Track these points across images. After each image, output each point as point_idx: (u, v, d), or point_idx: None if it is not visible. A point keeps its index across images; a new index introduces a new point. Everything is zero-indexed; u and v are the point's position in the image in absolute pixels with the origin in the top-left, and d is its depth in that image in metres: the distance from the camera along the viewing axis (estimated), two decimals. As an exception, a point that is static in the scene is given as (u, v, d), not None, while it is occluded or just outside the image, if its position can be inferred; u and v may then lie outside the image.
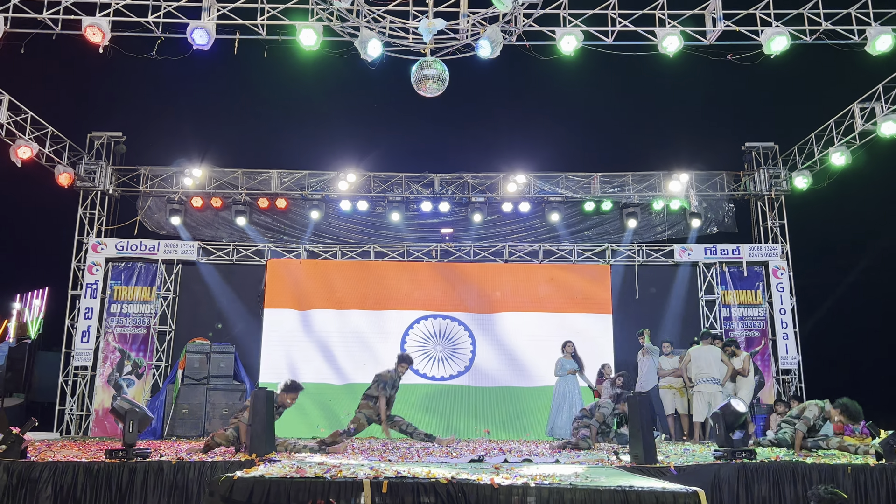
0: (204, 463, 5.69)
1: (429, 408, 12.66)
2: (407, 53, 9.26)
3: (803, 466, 5.98)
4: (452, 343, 13.12)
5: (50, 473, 5.50)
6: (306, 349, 12.91)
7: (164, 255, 13.15)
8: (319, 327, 13.07)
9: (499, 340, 13.09)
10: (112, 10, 9.28)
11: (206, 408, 11.29)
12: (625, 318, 13.15)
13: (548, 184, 13.71)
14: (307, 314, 13.08)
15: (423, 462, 6.50)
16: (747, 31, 9.56)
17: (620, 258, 13.62)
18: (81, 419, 12.66)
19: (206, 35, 9.13)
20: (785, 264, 13.39)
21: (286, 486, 4.64)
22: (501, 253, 13.74)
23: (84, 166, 13.14)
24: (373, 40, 8.98)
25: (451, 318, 13.23)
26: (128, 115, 14.29)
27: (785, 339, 13.03)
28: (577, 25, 9.59)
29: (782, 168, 13.61)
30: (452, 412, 12.61)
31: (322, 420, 12.26)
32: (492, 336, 13.11)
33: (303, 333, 12.96)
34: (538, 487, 4.53)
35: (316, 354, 12.89)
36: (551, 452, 8.31)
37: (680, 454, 7.58)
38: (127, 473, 5.54)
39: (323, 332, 13.04)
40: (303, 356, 12.78)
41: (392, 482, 4.62)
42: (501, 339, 13.09)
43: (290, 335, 12.95)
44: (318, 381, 12.49)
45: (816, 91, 13.44)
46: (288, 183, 13.68)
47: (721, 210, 13.98)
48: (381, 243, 13.74)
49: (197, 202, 13.44)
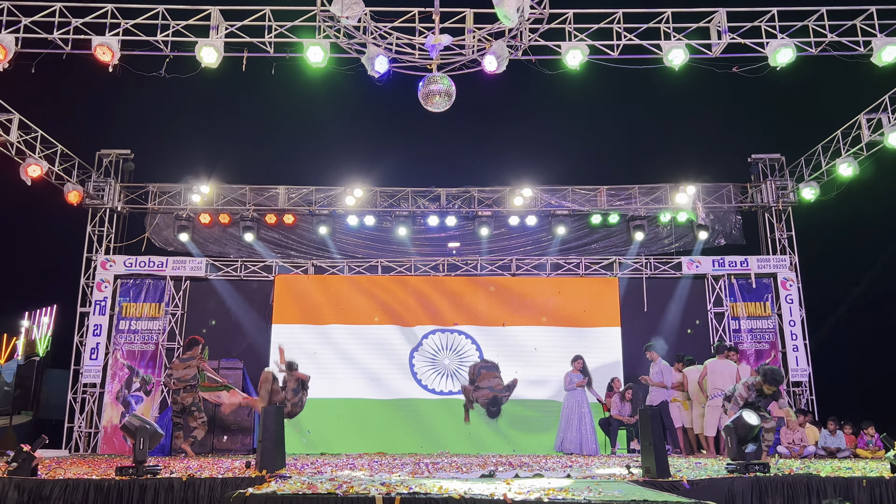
0: (214, 479, 5.66)
1: (437, 422, 12.63)
2: (413, 69, 9.32)
3: (818, 480, 5.92)
4: (460, 357, 13.08)
5: (61, 491, 5.48)
6: (314, 364, 12.85)
7: (173, 272, 13.19)
8: (327, 342, 13.07)
9: (507, 354, 13.04)
10: (121, 29, 9.38)
11: (214, 423, 11.25)
12: (633, 331, 13.11)
13: (554, 197, 13.72)
14: (315, 329, 13.08)
15: (434, 477, 6.46)
16: (752, 44, 9.59)
17: (628, 271, 13.59)
18: (90, 436, 12.66)
19: (215, 53, 9.21)
20: (794, 276, 13.33)
21: (297, 502, 4.62)
22: (509, 267, 13.73)
23: (93, 184, 13.23)
24: (379, 56, 9.04)
25: (459, 333, 13.21)
26: (136, 133, 14.39)
27: (795, 351, 12.95)
28: (582, 40, 9.64)
29: (789, 179, 13.59)
30: (460, 426, 12.55)
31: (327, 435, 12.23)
32: (500, 350, 13.06)
33: (311, 348, 12.96)
34: (552, 502, 4.49)
35: (324, 369, 12.85)
36: (562, 467, 8.25)
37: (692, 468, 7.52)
38: (137, 490, 5.52)
39: (330, 346, 13.04)
40: (311, 371, 12.70)
41: (404, 498, 4.59)
42: (510, 354, 13.05)
43: (297, 350, 12.91)
44: (325, 396, 12.47)
45: (823, 102, 13.44)
46: (295, 199, 13.73)
47: (728, 222, 13.95)
48: (389, 258, 13.75)
49: (205, 219, 13.50)
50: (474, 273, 13.69)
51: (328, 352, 13.02)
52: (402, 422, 12.71)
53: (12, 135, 11.17)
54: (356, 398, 12.80)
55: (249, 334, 13.10)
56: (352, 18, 8.55)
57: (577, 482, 5.76)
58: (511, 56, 9.33)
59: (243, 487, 5.11)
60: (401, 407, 12.77)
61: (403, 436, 12.52)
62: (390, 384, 12.92)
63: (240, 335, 13.07)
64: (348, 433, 12.55)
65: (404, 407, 12.78)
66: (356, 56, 9.45)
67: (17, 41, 9.22)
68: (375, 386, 12.91)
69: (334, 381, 12.85)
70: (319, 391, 12.37)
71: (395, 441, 12.39)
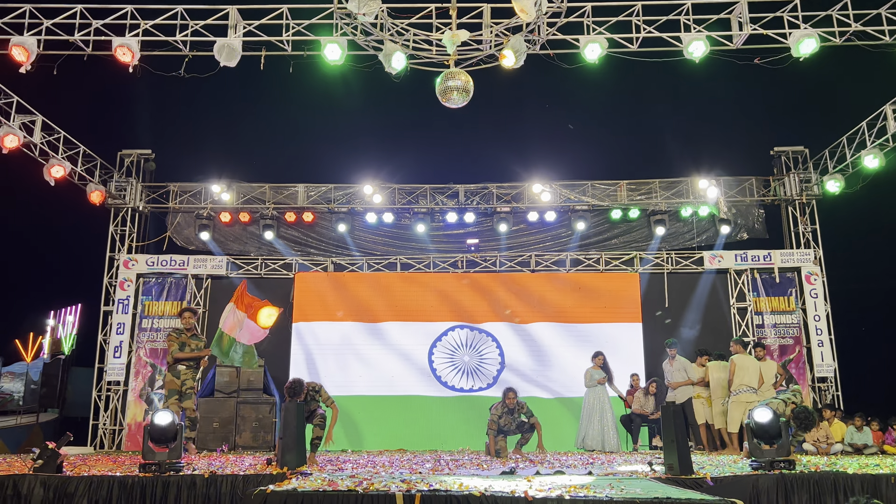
0: (236, 477, 5.69)
1: (457, 419, 12.62)
2: (431, 65, 9.29)
3: (845, 477, 5.82)
4: (480, 354, 13.06)
5: (86, 488, 5.54)
6: (334, 361, 12.95)
7: (194, 270, 13.29)
8: (347, 339, 13.11)
9: (526, 351, 13.01)
10: (141, 30, 9.46)
11: (236, 421, 11.34)
12: (654, 326, 13.01)
13: (573, 192, 13.64)
14: (335, 326, 13.13)
15: (454, 474, 6.45)
16: (775, 35, 9.43)
17: (649, 266, 13.47)
18: (115, 433, 12.81)
19: (233, 52, 9.25)
20: (818, 270, 13.14)
21: (318, 499, 4.63)
22: (528, 263, 13.67)
23: (115, 184, 13.38)
24: (397, 53, 9.03)
25: (479, 330, 13.19)
26: (157, 133, 14.53)
27: (820, 346, 12.77)
28: (601, 33, 9.55)
29: (813, 172, 13.38)
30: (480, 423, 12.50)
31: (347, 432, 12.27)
32: (519, 347, 13.03)
33: (331, 345, 13.02)
34: (573, 500, 4.46)
35: (344, 366, 12.93)
36: (583, 464, 8.20)
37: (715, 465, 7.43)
38: (161, 487, 5.56)
39: (351, 343, 13.08)
40: (331, 368, 12.82)
41: (424, 495, 4.58)
42: (529, 350, 13.01)
43: (317, 347, 13.01)
44: (346, 393, 12.52)
45: (847, 93, 13.22)
46: (314, 197, 13.78)
47: (751, 216, 13.77)
48: (407, 255, 13.76)
49: (225, 217, 13.59)
50: (493, 269, 13.64)
51: (349, 348, 13.06)
52: (423, 419, 12.71)
53: (36, 136, 11.32)
54: (377, 395, 12.82)
55: (270, 332, 13.12)
56: (369, 15, 8.54)
57: (599, 479, 5.71)
58: (529, 51, 9.27)
59: (264, 484, 5.13)
60: (421, 404, 12.78)
61: (424, 433, 12.52)
62: (410, 381, 12.93)
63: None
64: (369, 430, 12.59)
65: (425, 404, 12.78)
66: (373, 53, 9.45)
67: (38, 43, 9.34)
68: (396, 383, 12.94)
69: (356, 378, 12.89)
70: (341, 388, 12.44)
71: (416, 438, 12.40)
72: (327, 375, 12.63)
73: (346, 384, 12.69)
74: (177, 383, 8.73)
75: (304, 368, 12.72)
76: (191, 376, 8.84)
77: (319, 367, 12.79)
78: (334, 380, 12.58)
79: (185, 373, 8.81)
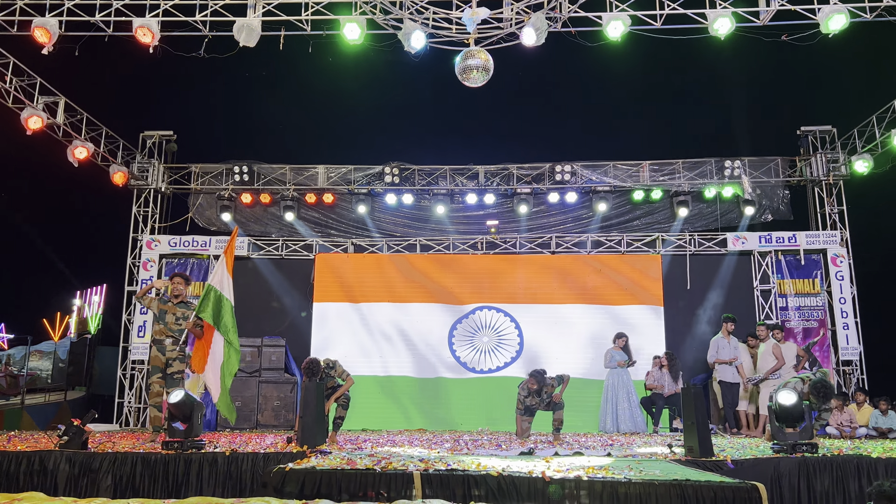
0: (257, 455, 5.76)
1: (476, 400, 12.65)
2: (451, 44, 9.20)
3: (868, 460, 5.75)
4: (499, 335, 13.05)
5: (110, 464, 5.64)
6: (355, 342, 13.02)
7: (216, 251, 13.38)
8: (368, 320, 13.16)
9: (546, 333, 12.96)
10: (161, 10, 9.46)
11: (258, 400, 11.48)
12: (676, 309, 12.89)
13: (595, 173, 13.49)
14: (355, 307, 13.18)
15: (473, 454, 6.46)
16: (803, 10, 9.18)
17: (671, 248, 13.32)
18: (139, 411, 13.02)
19: (253, 32, 9.22)
20: (844, 252, 12.90)
21: (337, 477, 4.66)
22: (548, 244, 13.58)
23: (137, 165, 13.48)
24: (416, 32, 8.95)
25: (498, 310, 13.16)
26: (178, 114, 14.60)
27: (845, 329, 12.58)
28: (623, 10, 9.36)
29: (841, 152, 13.08)
30: (499, 404, 12.54)
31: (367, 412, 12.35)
32: (539, 328, 12.99)
33: (351, 326, 13.08)
34: (591, 480, 4.44)
35: (364, 347, 13.00)
36: (602, 445, 8.18)
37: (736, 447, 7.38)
38: (183, 464, 5.65)
39: (371, 325, 13.13)
40: (351, 349, 12.89)
41: (442, 474, 4.59)
42: (548, 332, 12.96)
43: (338, 328, 13.09)
44: (366, 373, 12.60)
45: (877, 71, 12.88)
46: (334, 178, 13.78)
47: (776, 197, 13.54)
48: (427, 236, 13.74)
49: (246, 198, 13.65)
50: (513, 251, 13.58)
51: (369, 330, 13.12)
52: (443, 399, 12.76)
53: (59, 117, 11.43)
54: (397, 375, 12.88)
55: (291, 312, 13.27)
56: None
57: (618, 461, 5.69)
58: (550, 28, 9.14)
59: (284, 462, 5.19)
60: (441, 384, 12.82)
61: (443, 413, 12.58)
62: (430, 362, 12.97)
63: (281, 313, 13.24)
64: (389, 410, 12.66)
65: (444, 384, 12.82)
66: (393, 32, 9.38)
67: (60, 24, 9.39)
68: (416, 363, 12.98)
69: (375, 359, 12.96)
70: (361, 368, 12.52)
71: (436, 418, 12.46)
72: (347, 355, 12.70)
73: (365, 364, 12.76)
74: (162, 360, 7.76)
75: (324, 348, 12.80)
76: (178, 356, 7.80)
77: (339, 347, 12.86)
78: (354, 360, 12.65)
79: (172, 350, 7.79)
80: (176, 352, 7.81)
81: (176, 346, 7.82)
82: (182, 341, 7.88)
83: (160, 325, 7.92)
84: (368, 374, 12.68)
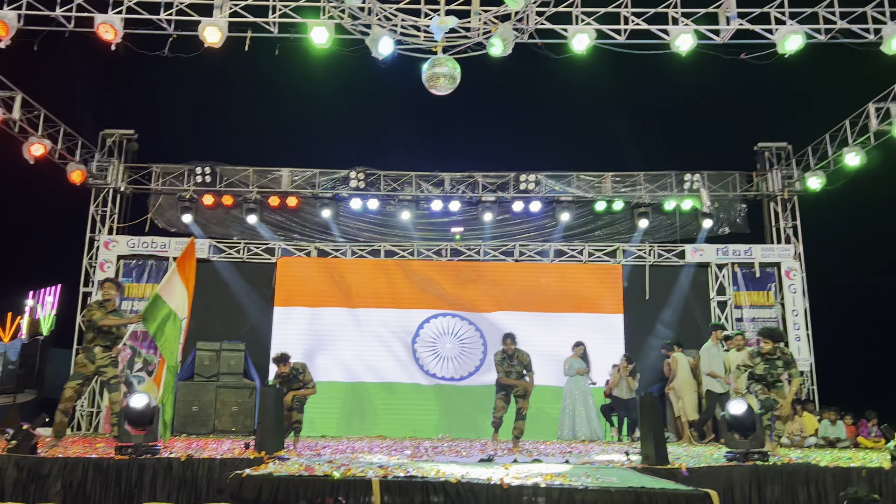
0: (213, 460, 5.68)
1: (438, 407, 12.67)
2: (418, 51, 9.24)
3: (817, 469, 5.91)
4: (462, 342, 13.09)
5: (60, 469, 5.51)
6: (316, 347, 12.92)
7: (176, 253, 13.15)
8: (329, 325, 13.08)
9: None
10: (125, 7, 9.30)
11: (215, 405, 11.31)
12: (635, 318, 13.10)
13: (559, 183, 13.65)
14: (317, 312, 13.10)
15: (433, 461, 6.47)
16: (761, 30, 9.45)
17: (631, 258, 13.54)
18: (92, 416, 12.71)
19: (218, 32, 9.13)
20: (798, 265, 13.27)
21: (295, 484, 4.63)
22: (512, 252, 13.69)
23: (96, 164, 13.21)
24: (384, 38, 8.96)
25: (462, 318, 13.20)
26: (140, 113, 14.35)
27: (798, 340, 12.92)
28: (589, 24, 9.52)
29: (795, 168, 13.49)
30: (462, 412, 12.58)
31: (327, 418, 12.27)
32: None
33: (312, 331, 12.99)
34: (549, 488, 4.49)
35: (325, 352, 12.90)
36: (560, 453, 8.26)
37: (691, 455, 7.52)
38: (136, 470, 5.54)
39: (332, 330, 13.06)
40: (312, 353, 12.78)
41: (401, 481, 4.59)
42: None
43: (299, 333, 12.97)
44: (326, 378, 12.50)
45: (831, 91, 13.29)
46: (299, 181, 13.69)
47: (733, 210, 13.87)
48: (392, 242, 13.72)
49: (208, 200, 13.46)
50: (477, 258, 13.65)
51: (330, 334, 13.04)
52: (404, 405, 12.74)
53: (15, 113, 11.13)
54: (358, 381, 12.83)
55: (252, 316, 13.11)
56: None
57: (576, 468, 5.76)
58: (517, 39, 9.23)
59: (241, 468, 5.13)
60: (402, 391, 12.80)
61: (404, 420, 12.55)
62: (392, 368, 12.94)
63: (242, 317, 13.08)
64: (349, 416, 12.61)
65: (406, 391, 12.80)
66: (361, 37, 9.37)
67: (18, 18, 9.16)
68: (377, 369, 12.94)
69: (336, 364, 12.87)
70: (321, 374, 12.40)
71: (396, 425, 12.42)
72: (308, 360, 12.58)
73: (326, 369, 12.66)
74: (90, 368, 7.59)
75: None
76: (109, 362, 7.64)
77: (300, 352, 12.71)
78: (315, 365, 12.54)
79: (103, 357, 7.62)
80: (107, 358, 7.68)
81: (107, 353, 7.67)
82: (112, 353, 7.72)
83: (92, 334, 7.71)
84: (329, 379, 12.58)
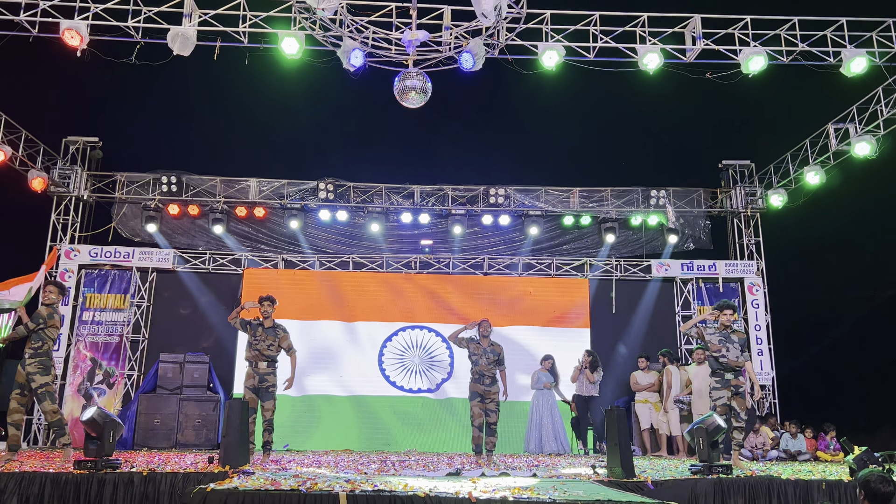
0: (176, 474, 5.57)
1: (406, 420, 12.58)
2: (389, 64, 9.26)
3: (778, 482, 6.01)
4: (430, 355, 13.06)
5: (16, 484, 5.35)
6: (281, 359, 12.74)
7: (139, 263, 12.96)
8: (296, 337, 12.88)
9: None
10: (91, 13, 9.17)
11: (178, 418, 11.10)
12: (602, 332, 13.22)
13: (528, 197, 13.76)
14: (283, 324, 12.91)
15: (400, 475, 6.43)
16: (726, 51, 9.70)
17: (598, 272, 13.68)
18: (49, 429, 12.36)
19: (187, 41, 9.04)
20: (760, 281, 13.55)
21: (260, 498, 4.56)
22: (481, 265, 13.73)
23: (58, 171, 12.94)
24: (355, 50, 8.97)
25: (430, 330, 13.18)
26: (104, 121, 14.09)
27: (760, 355, 13.16)
28: (559, 41, 9.67)
29: (758, 186, 13.81)
30: (429, 425, 12.54)
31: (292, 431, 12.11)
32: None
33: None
34: (517, 501, 4.49)
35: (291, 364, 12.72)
36: (528, 466, 8.27)
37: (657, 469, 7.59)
38: (96, 485, 5.40)
39: (300, 342, 12.86)
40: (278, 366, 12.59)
41: (369, 495, 4.55)
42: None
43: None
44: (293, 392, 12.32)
45: (792, 111, 13.66)
46: (266, 192, 13.57)
47: (698, 226, 14.12)
48: (360, 254, 13.67)
49: (173, 209, 13.26)
50: (446, 271, 13.67)
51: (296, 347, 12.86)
52: (371, 419, 12.64)
53: (-25, 118, 10.88)
54: (324, 394, 12.70)
55: (217, 328, 12.91)
56: (328, 11, 8.46)
57: (543, 481, 5.77)
58: (488, 55, 9.32)
59: (205, 483, 5.03)
60: (370, 404, 12.70)
61: (371, 433, 12.45)
62: (359, 381, 12.84)
63: (206, 329, 12.88)
64: (315, 430, 12.46)
65: (373, 404, 12.70)
66: (332, 49, 9.37)
67: (-19, 22, 8.98)
68: (344, 382, 12.83)
69: (302, 377, 12.72)
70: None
71: (363, 438, 12.32)
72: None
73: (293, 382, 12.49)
74: (22, 375, 7.47)
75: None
76: (38, 370, 7.45)
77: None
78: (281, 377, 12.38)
79: (31, 364, 7.47)
80: (35, 365, 7.49)
81: (34, 359, 7.51)
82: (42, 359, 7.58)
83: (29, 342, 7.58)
84: (296, 393, 12.42)
